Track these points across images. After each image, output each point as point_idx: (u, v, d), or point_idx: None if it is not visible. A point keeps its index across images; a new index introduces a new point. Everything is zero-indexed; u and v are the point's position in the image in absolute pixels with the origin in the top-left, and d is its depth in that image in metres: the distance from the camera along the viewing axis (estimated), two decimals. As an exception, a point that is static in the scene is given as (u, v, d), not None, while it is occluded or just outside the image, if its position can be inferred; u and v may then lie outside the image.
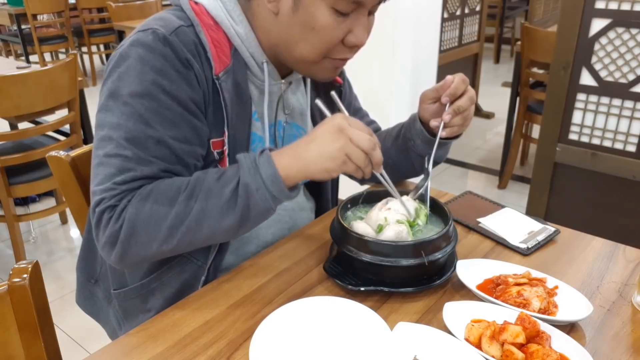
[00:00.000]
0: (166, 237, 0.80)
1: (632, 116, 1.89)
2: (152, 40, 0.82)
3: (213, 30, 0.88)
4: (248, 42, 0.91)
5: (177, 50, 0.83)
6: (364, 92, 1.33)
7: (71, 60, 2.16)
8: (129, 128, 0.81)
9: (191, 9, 0.88)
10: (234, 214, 0.79)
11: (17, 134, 2.20)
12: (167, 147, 0.83)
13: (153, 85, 0.81)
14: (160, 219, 0.79)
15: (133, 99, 0.81)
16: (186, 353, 0.74)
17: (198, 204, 0.79)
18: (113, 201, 0.80)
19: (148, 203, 0.79)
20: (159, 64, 0.82)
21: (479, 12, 3.96)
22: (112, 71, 0.84)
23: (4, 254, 2.61)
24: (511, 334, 0.70)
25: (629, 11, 1.80)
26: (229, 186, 0.79)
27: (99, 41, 5.46)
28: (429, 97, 1.01)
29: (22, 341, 0.76)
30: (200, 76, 0.85)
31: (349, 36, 0.86)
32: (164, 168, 0.83)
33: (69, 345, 1.97)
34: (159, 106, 0.82)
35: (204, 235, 0.81)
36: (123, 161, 0.81)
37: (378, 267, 0.83)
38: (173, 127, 0.83)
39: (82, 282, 1.09)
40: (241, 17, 0.90)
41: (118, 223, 0.79)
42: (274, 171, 0.78)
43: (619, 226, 2.01)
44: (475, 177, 3.39)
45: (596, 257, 0.95)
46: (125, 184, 0.81)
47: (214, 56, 0.87)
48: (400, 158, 1.11)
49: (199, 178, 0.81)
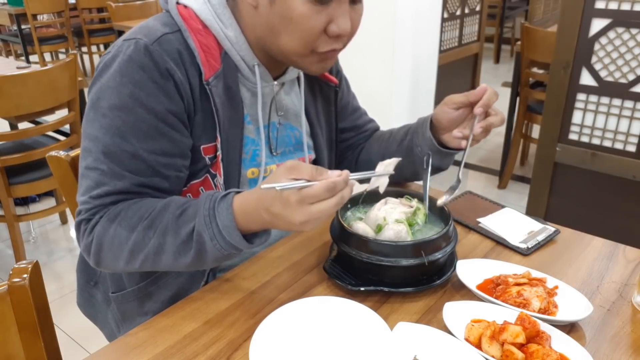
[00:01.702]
0: (129, 259, 0.83)
1: (632, 116, 1.89)
2: (133, 51, 0.82)
3: (202, 34, 0.87)
4: (238, 45, 0.90)
5: (157, 60, 0.82)
6: (364, 92, 1.33)
7: (71, 60, 2.16)
8: (106, 142, 0.82)
9: (179, 14, 0.87)
10: (189, 256, 0.80)
11: (17, 134, 2.20)
12: (142, 160, 0.83)
13: (130, 98, 0.82)
14: (122, 242, 0.82)
15: (111, 112, 0.82)
16: (186, 353, 0.74)
17: (155, 238, 0.81)
18: (87, 215, 0.84)
19: (113, 225, 0.82)
20: (137, 76, 0.82)
21: (479, 12, 3.96)
22: (95, 80, 0.85)
23: (4, 254, 2.61)
24: (511, 334, 0.70)
25: (629, 11, 1.80)
26: (186, 228, 0.79)
27: (99, 41, 5.45)
28: (455, 101, 0.97)
29: (22, 341, 0.76)
30: (182, 85, 0.84)
31: (331, 25, 0.83)
32: (137, 182, 0.84)
33: (69, 345, 1.97)
34: (135, 119, 0.82)
35: (163, 266, 0.84)
36: (100, 175, 0.83)
37: (378, 267, 0.83)
38: (149, 140, 0.83)
39: (82, 284, 1.09)
40: (230, 20, 0.89)
41: (90, 237, 0.84)
42: (231, 224, 0.77)
43: (619, 226, 2.01)
44: (475, 177, 3.39)
45: (596, 257, 0.95)
46: (99, 199, 0.84)
47: (203, 61, 0.86)
48: (404, 162, 1.09)
49: (163, 208, 0.82)
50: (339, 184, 0.70)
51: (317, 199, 0.70)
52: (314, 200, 0.70)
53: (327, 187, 0.69)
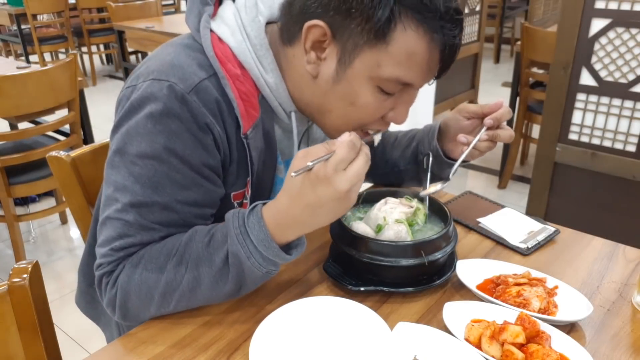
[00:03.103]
0: (161, 302, 0.77)
1: (632, 116, 1.89)
2: (168, 98, 0.74)
3: (240, 81, 0.80)
4: (277, 93, 0.84)
5: (196, 113, 0.75)
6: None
7: (71, 60, 2.16)
8: (135, 192, 0.76)
9: (215, 56, 0.78)
10: (228, 282, 0.75)
11: (17, 134, 2.20)
12: (174, 212, 0.78)
13: (164, 148, 0.75)
14: (151, 286, 0.76)
15: (142, 160, 0.75)
16: (186, 353, 0.74)
17: (189, 273, 0.75)
18: (109, 267, 0.78)
19: (138, 270, 0.76)
20: (173, 127, 0.75)
21: (479, 12, 3.96)
22: (122, 122, 0.78)
23: (4, 254, 2.61)
24: (511, 334, 0.70)
25: (629, 11, 1.80)
26: (219, 254, 0.74)
27: (99, 41, 5.46)
28: (469, 110, 0.96)
29: (22, 341, 0.76)
30: (221, 139, 0.79)
31: (391, 113, 0.81)
32: (165, 234, 0.78)
33: (69, 345, 1.97)
34: (169, 170, 0.76)
35: (200, 301, 0.78)
36: (124, 226, 0.77)
37: (378, 267, 0.83)
38: (183, 191, 0.77)
39: (84, 287, 1.08)
40: (272, 66, 0.82)
41: (114, 290, 0.78)
42: (265, 235, 0.72)
43: (619, 226, 2.01)
44: (475, 177, 3.39)
45: (596, 257, 0.95)
46: (123, 250, 0.78)
47: (242, 113, 0.79)
48: (408, 168, 1.09)
49: (188, 240, 0.76)
50: (355, 140, 0.69)
51: (347, 161, 0.68)
52: (345, 164, 0.68)
53: (348, 145, 0.68)
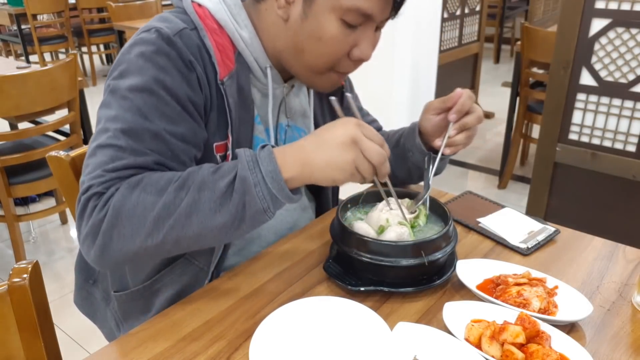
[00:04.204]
0: (151, 229, 0.74)
1: (632, 116, 1.89)
2: (156, 39, 0.82)
3: (217, 34, 0.87)
4: (252, 47, 0.90)
5: (182, 51, 0.82)
6: (364, 92, 1.33)
7: (71, 60, 2.16)
8: (126, 119, 0.78)
9: (195, 12, 0.87)
10: (227, 211, 0.74)
11: (17, 134, 2.20)
12: (163, 141, 0.80)
13: (154, 80, 0.80)
14: (147, 208, 0.73)
15: (132, 93, 0.80)
16: (186, 353, 0.74)
17: (189, 195, 0.73)
18: (101, 188, 0.75)
19: (136, 191, 0.74)
20: (161, 62, 0.81)
21: (479, 12, 3.96)
22: (114, 69, 0.84)
23: (4, 254, 2.61)
24: (511, 334, 0.70)
25: (629, 11, 1.80)
26: (225, 179, 0.74)
27: (99, 41, 5.46)
28: (434, 107, 0.99)
29: (22, 341, 0.76)
30: (202, 79, 0.85)
31: (355, 50, 0.86)
32: (158, 160, 0.79)
33: (69, 345, 1.97)
34: (158, 101, 0.80)
35: (193, 232, 0.74)
36: (116, 151, 0.77)
37: (378, 267, 0.83)
38: (171, 123, 0.81)
39: (81, 282, 1.09)
40: (246, 22, 0.90)
41: (102, 212, 0.74)
42: (274, 167, 0.74)
43: (619, 226, 2.01)
44: (475, 177, 3.39)
45: (596, 257, 0.95)
46: (116, 172, 0.76)
47: (219, 61, 0.86)
48: (398, 165, 1.10)
49: (193, 170, 0.77)
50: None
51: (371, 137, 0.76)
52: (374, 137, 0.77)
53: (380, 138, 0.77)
